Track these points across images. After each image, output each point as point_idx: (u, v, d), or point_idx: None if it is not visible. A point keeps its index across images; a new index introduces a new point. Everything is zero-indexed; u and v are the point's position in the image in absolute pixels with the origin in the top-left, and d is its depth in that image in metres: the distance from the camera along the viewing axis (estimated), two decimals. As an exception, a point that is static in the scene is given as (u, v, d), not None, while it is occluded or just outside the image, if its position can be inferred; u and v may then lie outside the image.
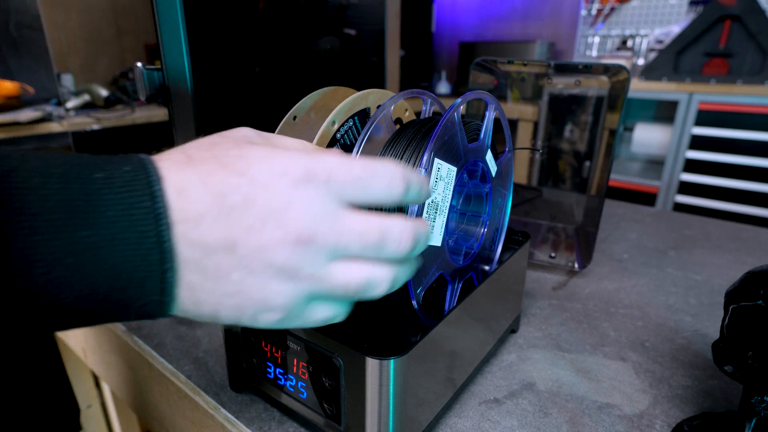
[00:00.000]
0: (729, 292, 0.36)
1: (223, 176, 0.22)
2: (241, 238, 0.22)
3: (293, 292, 0.24)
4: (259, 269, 0.23)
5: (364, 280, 0.25)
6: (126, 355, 0.57)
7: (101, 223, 0.20)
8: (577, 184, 0.78)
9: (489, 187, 0.44)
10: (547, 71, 0.72)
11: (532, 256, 0.71)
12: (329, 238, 0.23)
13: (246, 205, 0.22)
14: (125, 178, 0.21)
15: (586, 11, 2.53)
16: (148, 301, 0.21)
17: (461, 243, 0.43)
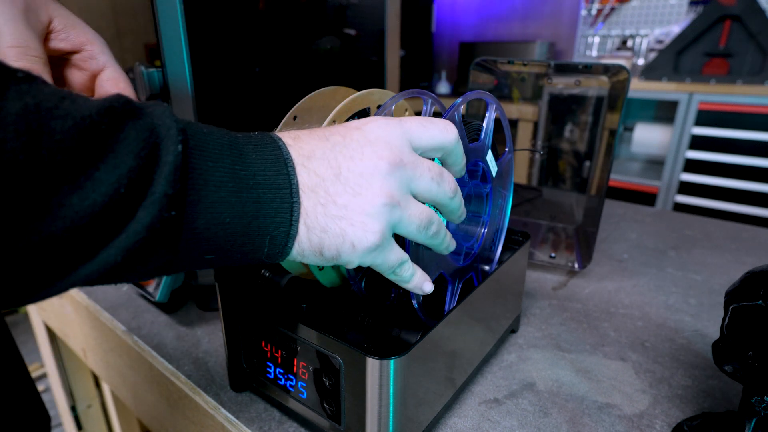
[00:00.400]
0: (729, 292, 0.36)
1: (325, 129, 0.29)
2: (344, 165, 0.28)
3: (387, 214, 0.28)
4: (361, 191, 0.27)
5: (429, 214, 0.31)
6: (126, 355, 0.57)
7: (248, 161, 0.26)
8: (577, 184, 0.78)
9: (489, 187, 0.44)
10: (547, 71, 0.72)
11: (532, 256, 0.71)
12: (411, 165, 0.29)
13: (345, 143, 0.28)
14: (257, 137, 0.27)
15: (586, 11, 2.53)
16: (279, 231, 0.26)
17: (462, 243, 0.43)
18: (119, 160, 0.21)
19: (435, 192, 0.31)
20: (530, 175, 0.84)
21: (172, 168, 0.22)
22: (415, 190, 0.30)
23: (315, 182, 0.27)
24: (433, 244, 0.33)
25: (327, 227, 0.27)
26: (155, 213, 0.22)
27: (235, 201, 0.25)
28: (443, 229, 0.33)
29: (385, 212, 0.28)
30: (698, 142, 1.94)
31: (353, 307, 0.42)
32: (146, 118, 0.23)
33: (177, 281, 0.56)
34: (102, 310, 0.60)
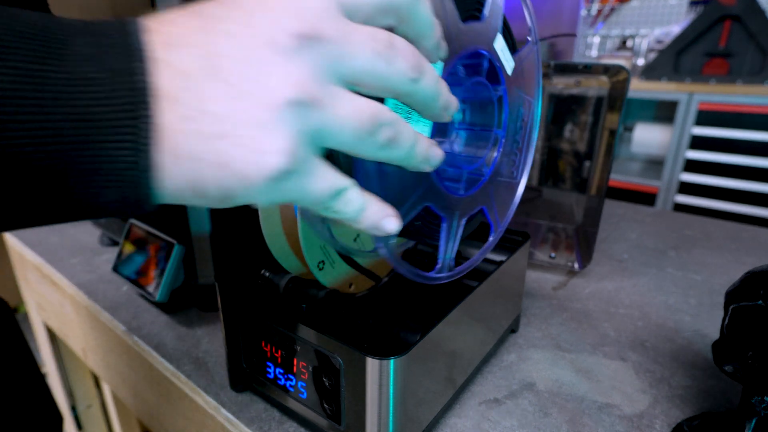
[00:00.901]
0: (729, 292, 0.36)
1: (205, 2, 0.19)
2: (222, 50, 0.18)
3: (295, 119, 0.18)
4: (249, 89, 0.18)
5: (373, 112, 0.20)
6: (126, 355, 0.57)
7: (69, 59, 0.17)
8: (577, 184, 0.78)
9: (503, 90, 0.32)
10: (547, 71, 0.72)
11: (532, 256, 0.71)
12: (337, 37, 0.19)
13: (227, 14, 0.18)
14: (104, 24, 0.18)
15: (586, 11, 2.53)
16: (120, 165, 0.17)
17: (462, 166, 0.33)
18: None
19: (385, 75, 0.20)
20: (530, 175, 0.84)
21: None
22: (350, 77, 0.19)
23: (178, 85, 0.17)
24: (396, 157, 0.22)
25: (202, 153, 0.18)
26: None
27: (40, 119, 0.16)
28: (406, 132, 0.21)
29: (290, 118, 0.18)
30: (698, 142, 1.94)
31: (353, 307, 0.42)
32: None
33: (177, 281, 0.56)
34: (102, 310, 0.60)
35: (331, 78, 0.19)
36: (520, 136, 0.36)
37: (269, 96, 0.18)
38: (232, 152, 0.18)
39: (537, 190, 0.83)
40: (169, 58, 0.17)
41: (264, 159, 0.18)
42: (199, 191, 0.19)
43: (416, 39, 0.22)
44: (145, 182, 0.18)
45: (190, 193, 0.19)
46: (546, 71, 0.72)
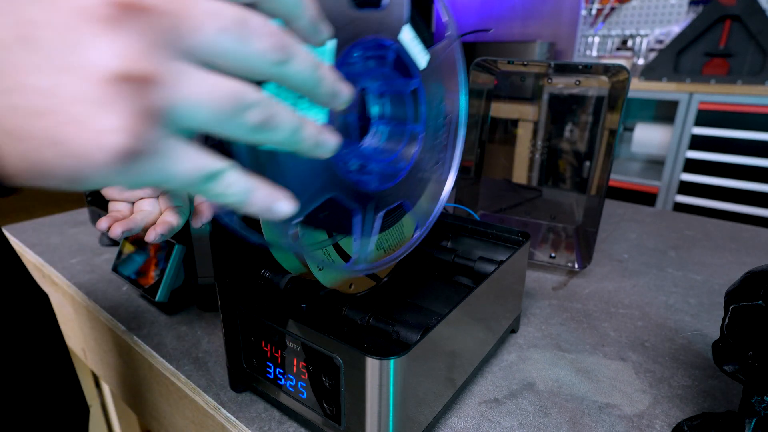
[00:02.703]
0: (729, 292, 0.36)
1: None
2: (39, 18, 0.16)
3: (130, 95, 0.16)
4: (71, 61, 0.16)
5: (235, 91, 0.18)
6: (126, 355, 0.57)
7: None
8: (577, 184, 0.78)
9: (416, 82, 0.31)
10: (547, 71, 0.72)
11: (532, 256, 0.71)
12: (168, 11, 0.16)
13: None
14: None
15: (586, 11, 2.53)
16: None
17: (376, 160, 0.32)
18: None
19: (236, 53, 0.18)
20: (530, 175, 0.84)
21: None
22: (197, 54, 0.17)
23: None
24: (275, 141, 0.20)
25: (28, 131, 0.16)
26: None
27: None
28: (282, 114, 0.20)
29: (125, 93, 0.16)
30: (698, 142, 1.94)
31: (353, 307, 0.42)
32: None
33: (177, 281, 0.56)
34: (102, 310, 0.60)
35: (172, 54, 0.17)
36: (443, 132, 0.35)
37: (94, 70, 0.16)
38: (64, 130, 0.16)
39: (537, 190, 0.83)
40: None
41: (102, 138, 0.16)
42: (43, 171, 0.17)
43: (287, 19, 0.21)
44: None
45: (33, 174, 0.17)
46: (546, 71, 0.72)
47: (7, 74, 0.15)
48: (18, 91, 0.16)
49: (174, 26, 0.17)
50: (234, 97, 0.18)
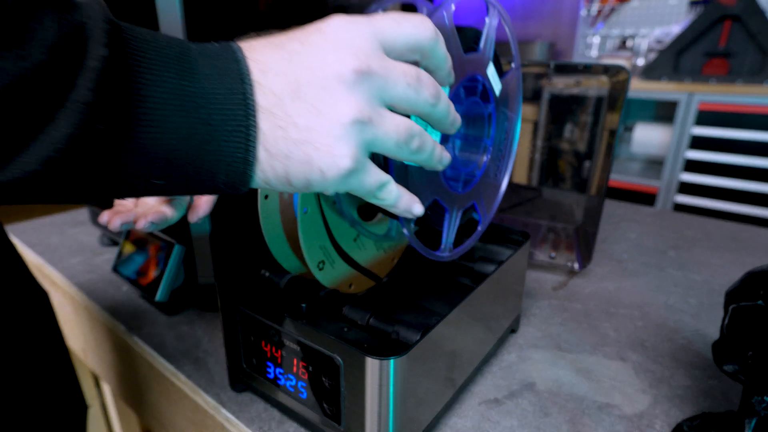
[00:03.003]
0: (729, 292, 0.36)
1: (283, 35, 0.26)
2: (303, 78, 0.24)
3: (357, 134, 0.25)
4: (324, 110, 0.24)
5: (408, 127, 0.27)
6: (126, 355, 0.57)
7: (198, 77, 0.23)
8: (577, 184, 0.78)
9: (492, 107, 0.39)
10: (547, 71, 0.72)
11: (532, 256, 0.71)
12: (381, 72, 0.25)
13: (304, 49, 0.24)
14: (214, 48, 0.24)
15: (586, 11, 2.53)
16: (234, 158, 0.24)
17: (460, 169, 0.39)
18: (27, 52, 0.19)
19: (414, 100, 0.27)
20: (530, 175, 0.84)
21: (95, 75, 0.20)
22: (389, 101, 0.26)
23: (271, 101, 0.24)
24: (420, 160, 0.29)
25: (290, 153, 0.24)
26: (76, 122, 0.20)
27: (182, 122, 0.22)
28: (428, 141, 0.29)
29: (354, 132, 0.24)
30: (698, 142, 1.94)
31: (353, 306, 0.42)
32: (75, 14, 0.20)
33: (177, 281, 0.56)
34: (102, 310, 0.60)
35: (378, 102, 0.26)
36: (504, 146, 0.43)
37: (339, 116, 0.24)
38: (313, 154, 0.24)
39: (537, 190, 0.83)
40: (264, 81, 0.24)
41: (338, 162, 0.24)
42: (286, 180, 0.25)
43: (434, 70, 0.29)
44: (248, 171, 0.24)
45: (278, 182, 0.25)
46: (546, 71, 0.72)
47: (282, 116, 0.24)
48: (289, 128, 0.24)
49: (383, 84, 0.25)
50: (408, 130, 0.27)
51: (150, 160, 0.22)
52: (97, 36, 0.20)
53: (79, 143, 0.20)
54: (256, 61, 0.24)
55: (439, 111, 0.28)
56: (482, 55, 0.35)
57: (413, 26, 0.27)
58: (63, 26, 0.19)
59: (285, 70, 0.24)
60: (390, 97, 0.26)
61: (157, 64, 0.22)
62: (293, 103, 0.24)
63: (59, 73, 0.19)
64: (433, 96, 0.27)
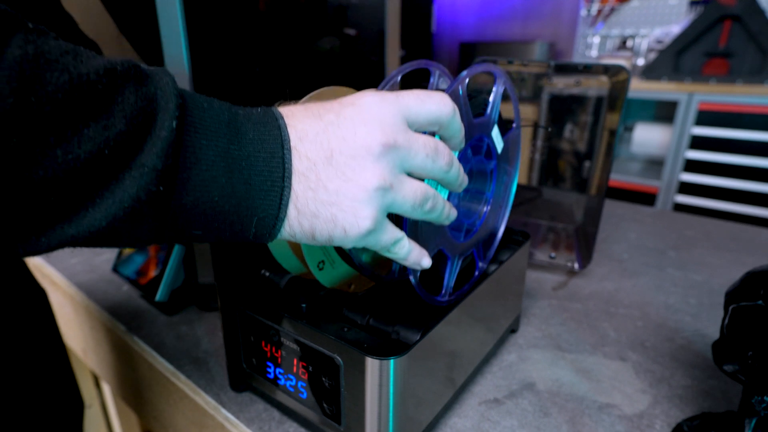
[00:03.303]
0: (729, 292, 0.36)
1: (321, 104, 0.28)
2: (336, 148, 0.27)
3: (379, 199, 0.27)
4: (352, 177, 0.27)
5: (424, 191, 0.30)
6: (126, 355, 0.57)
7: (244, 141, 0.25)
8: (577, 184, 0.78)
9: (494, 164, 0.43)
10: (547, 71, 0.72)
11: (532, 256, 0.71)
12: (405, 145, 0.28)
13: (339, 121, 0.27)
14: (259, 114, 0.27)
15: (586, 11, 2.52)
16: (267, 213, 0.26)
17: (462, 220, 0.42)
18: (110, 122, 0.21)
19: (430, 168, 0.30)
20: (530, 175, 0.84)
21: (165, 144, 0.22)
22: (409, 169, 0.29)
23: (306, 166, 0.26)
24: (431, 218, 0.32)
25: (318, 212, 0.27)
26: (142, 185, 0.22)
27: (225, 181, 0.25)
28: (440, 201, 0.32)
29: (377, 197, 0.27)
30: (698, 142, 1.94)
31: (353, 306, 0.42)
32: (149, 86, 0.23)
33: (177, 281, 0.56)
34: (102, 310, 0.60)
35: (399, 170, 0.29)
36: (502, 198, 0.47)
37: (365, 184, 0.27)
38: (339, 215, 0.27)
39: (537, 190, 0.83)
40: (301, 147, 0.27)
41: (360, 222, 0.27)
42: (311, 235, 0.28)
43: (449, 138, 0.32)
44: (278, 226, 0.27)
45: (303, 236, 0.28)
46: (546, 71, 0.72)
47: (315, 179, 0.26)
48: (320, 190, 0.27)
49: (406, 155, 0.28)
50: (423, 195, 0.30)
51: (194, 215, 0.25)
52: (167, 108, 0.23)
53: (140, 203, 0.22)
54: (295, 128, 0.27)
55: (451, 176, 0.32)
56: (488, 118, 0.40)
57: (436, 104, 0.30)
58: (139, 99, 0.22)
59: (321, 139, 0.27)
60: (410, 165, 0.29)
61: (211, 129, 0.24)
62: (325, 168, 0.27)
63: (133, 139, 0.22)
64: (447, 164, 0.31)
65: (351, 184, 0.27)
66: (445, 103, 0.30)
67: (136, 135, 0.22)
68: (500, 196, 0.45)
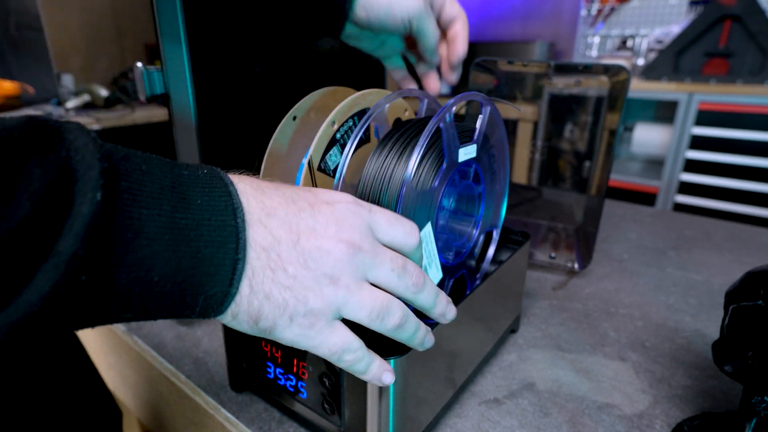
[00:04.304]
0: (729, 292, 0.36)
1: (294, 189, 0.27)
2: (304, 235, 0.26)
3: (331, 297, 0.26)
4: (312, 265, 0.25)
5: (385, 302, 0.28)
6: (126, 355, 0.57)
7: (192, 209, 0.22)
8: (577, 184, 0.78)
9: (482, 188, 0.44)
10: (547, 71, 0.72)
11: (532, 256, 0.71)
12: (370, 252, 0.27)
13: (313, 213, 0.27)
14: (205, 177, 0.24)
15: (586, 11, 2.52)
16: (216, 291, 0.23)
17: (452, 242, 0.43)
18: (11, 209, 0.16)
19: (395, 285, 0.28)
20: (530, 175, 0.84)
21: (87, 221, 0.18)
22: (373, 279, 0.28)
23: (269, 242, 0.25)
24: (401, 338, 0.30)
25: (271, 294, 0.25)
26: (57, 278, 0.17)
27: (170, 256, 0.21)
28: (411, 322, 0.30)
29: (326, 294, 0.26)
30: (698, 142, 1.94)
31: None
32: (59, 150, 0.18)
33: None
34: (102, 310, 0.60)
35: (361, 277, 0.27)
36: (491, 221, 0.48)
37: (323, 274, 0.26)
38: (290, 302, 0.25)
39: (537, 190, 0.83)
40: (268, 223, 0.25)
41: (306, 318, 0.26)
42: (255, 319, 0.25)
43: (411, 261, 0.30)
44: (225, 303, 0.24)
45: (246, 318, 0.25)
46: (546, 71, 0.72)
47: (276, 259, 0.25)
48: (278, 270, 0.25)
49: (370, 263, 0.27)
50: (385, 306, 0.28)
51: (127, 299, 0.20)
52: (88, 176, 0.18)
53: (54, 302, 0.18)
54: (263, 203, 0.25)
55: (422, 299, 0.30)
56: (475, 144, 0.40)
57: (402, 235, 0.29)
58: (47, 170, 0.17)
59: (290, 221, 0.26)
60: (374, 275, 0.28)
61: (153, 196, 0.21)
62: (288, 250, 0.25)
63: (44, 225, 0.17)
64: (415, 285, 0.29)
65: (309, 272, 0.25)
66: (412, 235, 0.30)
67: (48, 218, 0.17)
68: (489, 218, 0.47)
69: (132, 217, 0.20)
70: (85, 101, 1.89)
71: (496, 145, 0.45)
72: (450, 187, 0.39)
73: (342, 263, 0.26)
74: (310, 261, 0.25)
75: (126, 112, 1.84)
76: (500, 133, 0.46)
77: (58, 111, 1.81)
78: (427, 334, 0.32)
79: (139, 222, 0.20)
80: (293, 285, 0.25)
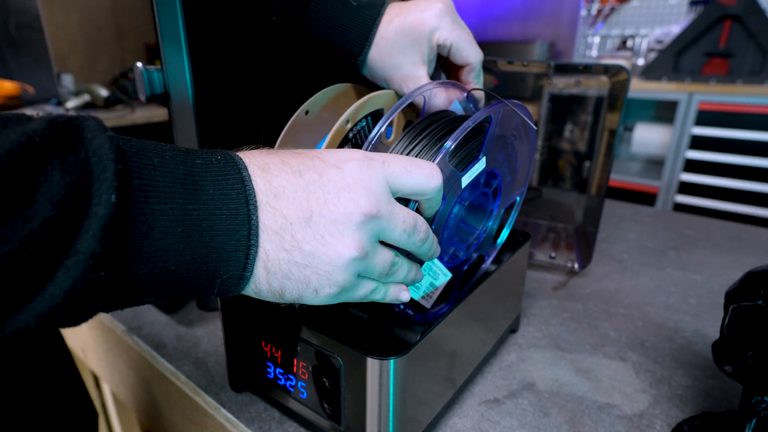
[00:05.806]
0: (729, 292, 0.36)
1: (300, 159, 0.26)
2: (316, 209, 0.25)
3: (352, 266, 0.26)
4: (330, 241, 0.25)
5: (391, 260, 0.29)
6: (126, 355, 0.57)
7: (203, 199, 0.23)
8: (577, 184, 0.78)
9: (496, 205, 0.44)
10: (547, 71, 0.72)
11: (532, 256, 0.71)
12: (386, 216, 0.27)
13: (321, 182, 0.26)
14: (219, 164, 0.24)
15: (586, 11, 2.52)
16: (231, 274, 0.24)
17: (452, 245, 0.42)
18: (33, 212, 0.17)
19: (405, 242, 0.29)
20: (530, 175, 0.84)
21: (103, 223, 0.19)
22: (385, 239, 0.29)
23: (281, 224, 0.25)
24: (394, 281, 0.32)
25: (290, 274, 0.25)
26: (78, 275, 0.18)
27: (184, 247, 0.22)
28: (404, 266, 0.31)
29: (353, 265, 0.26)
30: (698, 142, 1.94)
31: (353, 307, 0.42)
32: (78, 152, 0.19)
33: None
34: (102, 310, 0.60)
35: (375, 239, 0.28)
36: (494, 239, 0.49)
37: (343, 251, 0.26)
38: (312, 278, 0.26)
39: (537, 190, 0.83)
40: (277, 205, 0.25)
41: (332, 285, 0.26)
42: (279, 294, 0.26)
43: (426, 207, 0.32)
44: (242, 285, 0.25)
45: (270, 294, 0.26)
46: (546, 71, 0.72)
47: (290, 239, 0.25)
48: (295, 251, 0.25)
49: (385, 226, 0.27)
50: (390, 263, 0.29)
51: (147, 286, 0.22)
52: (104, 178, 0.19)
53: (77, 295, 0.19)
54: (270, 183, 0.25)
55: (423, 249, 0.31)
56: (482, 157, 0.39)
57: (424, 177, 0.29)
58: (67, 173, 0.18)
59: (300, 198, 0.25)
60: (387, 237, 0.28)
61: (164, 192, 0.21)
62: (302, 229, 0.25)
63: (64, 225, 0.18)
64: (422, 240, 0.30)
65: (328, 248, 0.25)
66: (433, 177, 0.29)
67: (67, 218, 0.18)
68: (493, 232, 0.47)
69: (145, 213, 0.21)
70: (85, 101, 1.89)
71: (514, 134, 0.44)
72: (471, 189, 0.39)
73: (360, 233, 0.26)
74: (327, 236, 0.25)
75: (126, 112, 1.84)
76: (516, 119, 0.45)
77: (58, 111, 1.81)
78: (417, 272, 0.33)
79: (152, 217, 0.21)
80: (312, 263, 0.25)
